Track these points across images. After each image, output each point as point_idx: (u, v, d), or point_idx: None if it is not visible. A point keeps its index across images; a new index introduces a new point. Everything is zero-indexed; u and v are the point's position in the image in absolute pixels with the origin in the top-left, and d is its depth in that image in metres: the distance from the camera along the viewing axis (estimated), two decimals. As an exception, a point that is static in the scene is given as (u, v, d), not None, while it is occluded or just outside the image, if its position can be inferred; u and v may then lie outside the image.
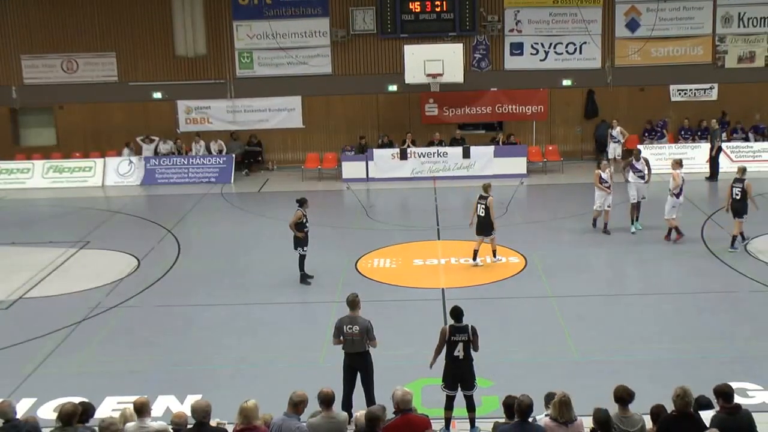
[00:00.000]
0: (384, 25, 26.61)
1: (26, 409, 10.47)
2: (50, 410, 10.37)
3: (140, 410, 8.15)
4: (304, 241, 15.53)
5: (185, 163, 26.51)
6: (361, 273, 16.38)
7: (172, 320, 14.31)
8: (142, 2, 27.06)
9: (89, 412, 8.21)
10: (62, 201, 24.29)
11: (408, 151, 25.49)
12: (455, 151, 25.35)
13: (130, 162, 26.62)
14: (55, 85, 27.52)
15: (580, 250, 17.50)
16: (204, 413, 7.80)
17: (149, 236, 19.63)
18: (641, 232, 18.25)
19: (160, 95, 27.48)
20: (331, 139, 27.49)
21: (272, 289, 15.61)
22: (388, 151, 25.61)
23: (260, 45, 27.13)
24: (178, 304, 14.99)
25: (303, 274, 15.68)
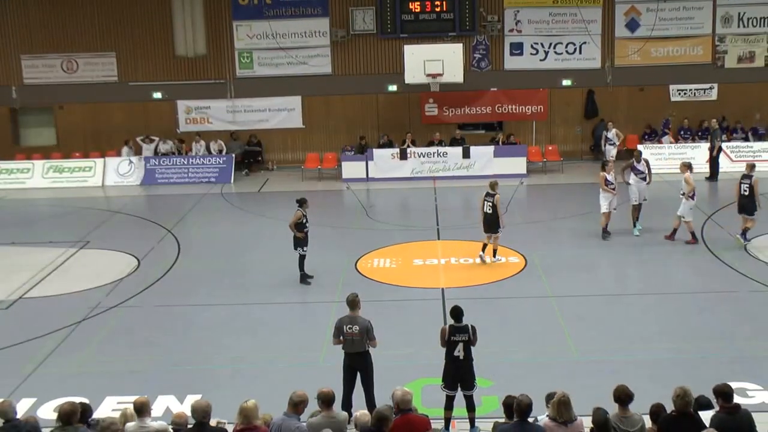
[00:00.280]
0: (384, 25, 26.62)
1: (26, 409, 10.46)
2: (50, 410, 10.34)
3: (140, 410, 8.15)
4: (304, 242, 15.53)
5: (185, 163, 26.52)
6: (361, 273, 16.37)
7: (172, 320, 14.30)
8: (142, 2, 27.07)
9: (87, 413, 8.22)
10: (62, 201, 24.28)
11: (408, 151, 25.49)
12: (455, 151, 25.35)
13: (130, 162, 26.62)
14: (55, 85, 27.53)
15: (580, 250, 17.48)
16: (204, 413, 7.81)
17: (149, 236, 19.63)
18: (641, 233, 18.21)
19: (160, 95, 27.49)
20: (331, 139, 27.50)
21: (272, 289, 15.60)
22: (388, 151, 25.61)
23: (260, 45, 27.13)
24: (178, 304, 14.99)
25: (303, 274, 15.68)
